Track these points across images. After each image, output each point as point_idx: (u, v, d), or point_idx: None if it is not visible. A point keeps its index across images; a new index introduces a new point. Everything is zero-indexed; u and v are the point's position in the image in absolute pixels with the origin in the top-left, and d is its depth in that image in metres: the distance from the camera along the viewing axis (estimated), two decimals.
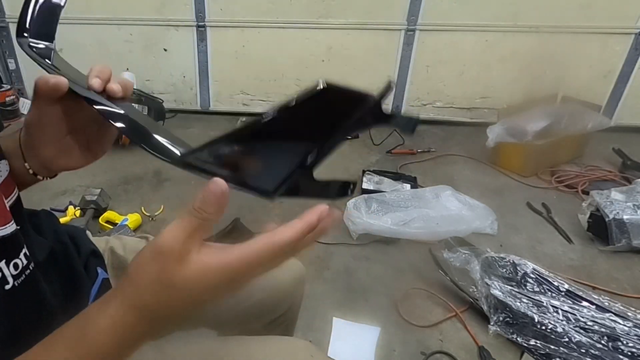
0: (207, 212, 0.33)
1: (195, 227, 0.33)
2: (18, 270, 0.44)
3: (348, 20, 2.52)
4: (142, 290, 0.34)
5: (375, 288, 1.45)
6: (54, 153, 0.49)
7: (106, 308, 0.35)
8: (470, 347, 1.24)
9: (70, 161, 0.51)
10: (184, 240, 0.33)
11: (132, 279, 0.35)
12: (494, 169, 2.23)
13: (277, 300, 0.79)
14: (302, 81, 2.73)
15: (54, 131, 0.48)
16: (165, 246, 0.33)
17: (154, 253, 0.34)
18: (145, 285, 0.34)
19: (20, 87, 2.83)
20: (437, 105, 2.72)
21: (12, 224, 0.45)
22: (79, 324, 0.36)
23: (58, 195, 1.92)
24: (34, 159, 0.50)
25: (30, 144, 0.49)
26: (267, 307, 0.78)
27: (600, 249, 1.63)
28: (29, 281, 0.45)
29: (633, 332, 1.16)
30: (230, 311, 0.76)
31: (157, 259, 0.33)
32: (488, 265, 1.39)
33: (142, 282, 0.34)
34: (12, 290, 0.42)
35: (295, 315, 0.87)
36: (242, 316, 0.78)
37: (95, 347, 0.34)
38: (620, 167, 2.16)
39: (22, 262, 0.45)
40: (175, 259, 0.33)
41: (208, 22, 2.58)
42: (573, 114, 2.14)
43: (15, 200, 0.49)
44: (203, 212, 0.33)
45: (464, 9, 2.43)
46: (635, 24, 2.39)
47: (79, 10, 2.59)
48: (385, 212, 1.71)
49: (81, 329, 0.35)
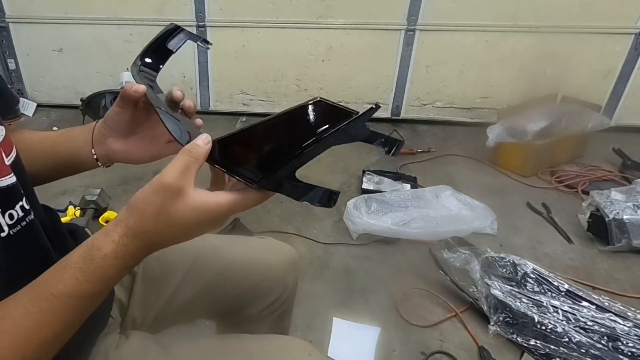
0: (196, 152, 0.41)
1: (188, 164, 0.41)
2: (13, 220, 0.46)
3: (348, 20, 2.52)
4: (146, 219, 0.41)
5: (375, 288, 1.45)
6: (119, 147, 0.59)
7: (111, 235, 0.41)
8: (470, 347, 1.24)
9: (129, 156, 0.60)
10: (179, 175, 0.40)
11: (136, 209, 0.41)
12: (494, 169, 2.23)
13: (271, 283, 0.81)
14: (302, 81, 2.73)
15: (124, 128, 0.58)
16: (165, 181, 0.40)
17: (156, 187, 0.40)
18: (149, 215, 0.40)
19: (20, 87, 2.83)
20: (437, 105, 2.72)
21: (12, 176, 0.47)
22: (85, 250, 0.41)
23: (58, 195, 1.92)
24: (100, 147, 0.59)
25: (102, 134, 0.59)
26: (261, 290, 0.80)
27: (600, 249, 1.63)
28: (26, 232, 0.48)
29: (633, 332, 1.16)
30: (226, 296, 0.78)
31: (159, 192, 0.40)
32: (488, 265, 1.39)
33: (145, 213, 0.41)
34: (7, 238, 0.45)
35: (290, 303, 0.89)
36: (237, 302, 0.80)
37: (101, 269, 0.40)
38: (620, 167, 2.16)
39: (17, 213, 0.47)
40: (174, 192, 0.40)
41: (208, 22, 2.58)
42: (573, 114, 2.14)
43: (15, 158, 0.52)
44: (194, 151, 0.41)
45: (464, 9, 2.43)
46: (635, 24, 2.39)
47: (79, 10, 2.59)
48: (385, 212, 1.71)
49: (88, 254, 0.41)
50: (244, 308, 0.81)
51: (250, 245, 0.85)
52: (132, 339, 0.63)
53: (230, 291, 0.78)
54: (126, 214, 0.42)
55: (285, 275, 0.83)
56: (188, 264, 0.75)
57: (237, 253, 0.80)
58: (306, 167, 0.41)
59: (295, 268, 0.87)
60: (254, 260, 0.80)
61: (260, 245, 0.86)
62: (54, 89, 2.81)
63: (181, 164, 0.41)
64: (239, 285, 0.78)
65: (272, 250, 0.85)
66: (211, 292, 0.77)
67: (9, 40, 2.70)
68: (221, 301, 0.79)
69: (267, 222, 1.77)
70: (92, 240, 0.42)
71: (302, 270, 1.53)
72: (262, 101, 2.82)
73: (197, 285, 0.75)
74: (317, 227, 1.75)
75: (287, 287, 0.84)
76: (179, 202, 0.40)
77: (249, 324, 0.83)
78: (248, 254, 0.81)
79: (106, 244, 0.41)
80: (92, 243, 0.41)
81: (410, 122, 2.77)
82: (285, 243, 0.89)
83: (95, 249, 0.41)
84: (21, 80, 2.83)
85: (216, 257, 0.78)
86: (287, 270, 0.84)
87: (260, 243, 0.87)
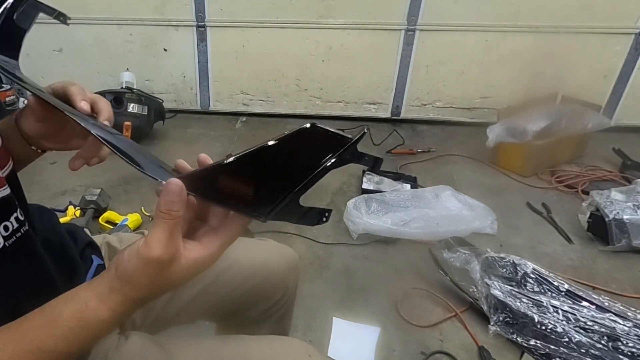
0: (175, 210, 0.38)
1: (172, 228, 0.38)
2: (8, 232, 0.47)
3: (348, 20, 2.52)
4: (142, 288, 0.39)
5: (375, 288, 1.45)
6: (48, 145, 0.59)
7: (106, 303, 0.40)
8: (470, 347, 1.24)
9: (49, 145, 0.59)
10: (167, 244, 0.38)
11: (129, 281, 0.39)
12: (494, 169, 2.23)
13: (271, 286, 0.81)
14: (302, 81, 2.73)
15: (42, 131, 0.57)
16: (155, 255, 0.37)
17: (147, 261, 0.38)
18: (145, 285, 0.39)
19: None
20: (437, 105, 2.72)
21: (6, 188, 0.48)
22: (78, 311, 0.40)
23: (58, 195, 1.92)
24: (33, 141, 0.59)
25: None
26: (262, 292, 0.80)
27: (600, 249, 1.63)
28: (21, 243, 0.48)
29: (633, 332, 1.16)
30: (226, 298, 0.78)
31: (151, 266, 0.38)
32: (488, 265, 1.39)
33: (141, 283, 0.39)
34: (3, 249, 0.46)
35: (291, 305, 0.89)
36: (238, 304, 0.80)
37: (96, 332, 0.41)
38: (620, 167, 2.16)
39: (12, 224, 0.48)
40: (167, 262, 0.38)
41: (208, 22, 2.58)
42: (573, 114, 2.14)
43: (10, 171, 0.53)
44: (172, 212, 0.38)
45: (464, 9, 2.43)
46: (635, 24, 2.39)
47: (79, 10, 2.59)
48: (385, 212, 1.71)
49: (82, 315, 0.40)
50: (244, 310, 0.81)
51: (250, 247, 0.85)
52: (131, 340, 0.63)
53: (231, 293, 0.78)
54: (119, 284, 0.40)
55: (285, 277, 0.83)
56: None
57: (237, 255, 0.79)
58: None
59: (296, 270, 0.87)
60: (255, 263, 0.80)
61: (260, 247, 0.86)
62: None
63: (165, 232, 0.38)
64: (239, 288, 0.78)
65: (272, 252, 0.85)
66: (211, 293, 0.77)
67: None
68: (221, 303, 0.79)
69: (267, 223, 1.76)
70: (85, 300, 0.40)
71: (302, 270, 1.53)
72: (262, 101, 2.82)
73: (197, 286, 0.75)
74: (317, 227, 1.75)
75: (288, 289, 0.84)
76: (174, 267, 0.39)
77: (249, 326, 0.83)
78: (248, 256, 0.81)
79: (103, 310, 0.39)
80: (87, 304, 0.40)
81: (410, 122, 2.77)
82: (286, 245, 0.89)
83: (90, 312, 0.39)
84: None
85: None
86: (287, 272, 0.83)
87: (260, 245, 0.87)
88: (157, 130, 2.54)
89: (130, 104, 2.33)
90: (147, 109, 2.39)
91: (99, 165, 0.60)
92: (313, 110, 2.80)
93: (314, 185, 0.41)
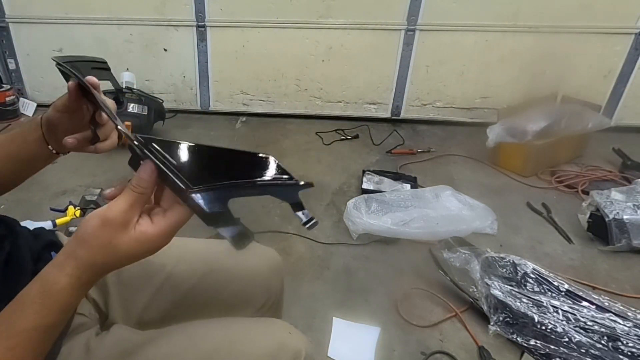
0: (142, 186, 0.43)
1: (134, 200, 0.43)
2: None
3: (348, 20, 2.52)
4: (95, 252, 0.43)
5: (375, 288, 1.45)
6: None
7: (64, 269, 0.43)
8: (470, 347, 1.24)
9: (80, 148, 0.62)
10: (126, 210, 0.43)
11: (83, 241, 0.43)
12: (494, 169, 2.23)
13: (254, 289, 0.80)
14: (302, 81, 2.73)
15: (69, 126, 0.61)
16: (111, 216, 0.42)
17: (102, 221, 0.43)
18: (96, 247, 0.43)
19: (20, 87, 2.83)
20: (437, 105, 2.72)
21: None
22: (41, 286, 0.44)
23: (58, 195, 1.92)
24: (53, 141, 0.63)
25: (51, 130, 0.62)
26: (244, 297, 0.79)
27: (600, 249, 1.63)
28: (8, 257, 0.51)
29: (633, 332, 1.16)
30: (210, 302, 0.77)
31: (104, 226, 0.42)
32: (488, 265, 1.39)
33: (93, 245, 0.43)
34: None
35: (278, 308, 0.87)
36: (224, 306, 0.79)
37: (60, 301, 0.43)
38: (620, 167, 2.16)
39: None
40: (119, 226, 0.43)
41: (208, 22, 2.58)
42: (573, 114, 2.14)
43: None
44: (139, 187, 0.43)
45: (464, 9, 2.43)
46: (635, 24, 2.39)
47: (79, 10, 2.59)
48: (385, 212, 1.71)
49: (44, 289, 0.43)
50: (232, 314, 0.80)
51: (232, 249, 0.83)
52: (113, 329, 0.65)
53: (213, 298, 0.77)
54: (74, 246, 0.43)
55: (268, 280, 0.81)
56: (168, 269, 0.75)
57: (218, 258, 0.78)
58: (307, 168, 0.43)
59: (279, 273, 0.85)
60: (237, 266, 0.79)
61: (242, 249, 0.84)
62: (54, 89, 2.81)
63: (128, 200, 0.43)
64: (221, 293, 0.77)
65: (254, 254, 0.83)
66: (195, 297, 0.76)
67: (9, 40, 2.70)
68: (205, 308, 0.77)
69: (267, 223, 1.77)
70: (45, 275, 0.44)
71: (302, 270, 1.53)
72: (262, 101, 2.82)
73: (180, 289, 0.75)
74: (317, 227, 1.74)
75: (272, 293, 0.82)
76: (123, 235, 0.43)
77: None
78: (229, 260, 0.79)
79: (61, 277, 0.43)
80: (47, 278, 0.44)
81: (410, 122, 2.77)
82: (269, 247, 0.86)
83: (51, 283, 0.43)
84: (21, 80, 2.83)
85: (197, 262, 0.77)
86: (270, 275, 0.82)
87: None
88: (157, 130, 2.53)
89: (130, 104, 2.33)
90: (147, 109, 2.38)
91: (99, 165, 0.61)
92: (313, 110, 2.80)
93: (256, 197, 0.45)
